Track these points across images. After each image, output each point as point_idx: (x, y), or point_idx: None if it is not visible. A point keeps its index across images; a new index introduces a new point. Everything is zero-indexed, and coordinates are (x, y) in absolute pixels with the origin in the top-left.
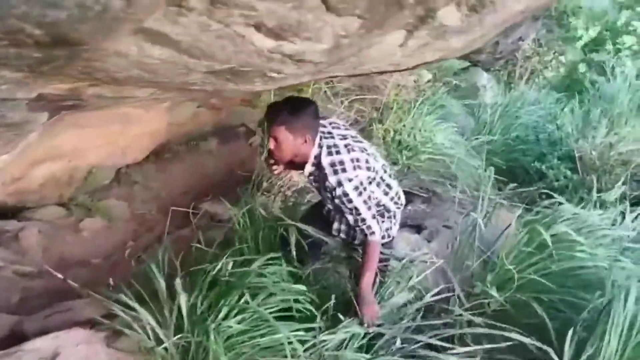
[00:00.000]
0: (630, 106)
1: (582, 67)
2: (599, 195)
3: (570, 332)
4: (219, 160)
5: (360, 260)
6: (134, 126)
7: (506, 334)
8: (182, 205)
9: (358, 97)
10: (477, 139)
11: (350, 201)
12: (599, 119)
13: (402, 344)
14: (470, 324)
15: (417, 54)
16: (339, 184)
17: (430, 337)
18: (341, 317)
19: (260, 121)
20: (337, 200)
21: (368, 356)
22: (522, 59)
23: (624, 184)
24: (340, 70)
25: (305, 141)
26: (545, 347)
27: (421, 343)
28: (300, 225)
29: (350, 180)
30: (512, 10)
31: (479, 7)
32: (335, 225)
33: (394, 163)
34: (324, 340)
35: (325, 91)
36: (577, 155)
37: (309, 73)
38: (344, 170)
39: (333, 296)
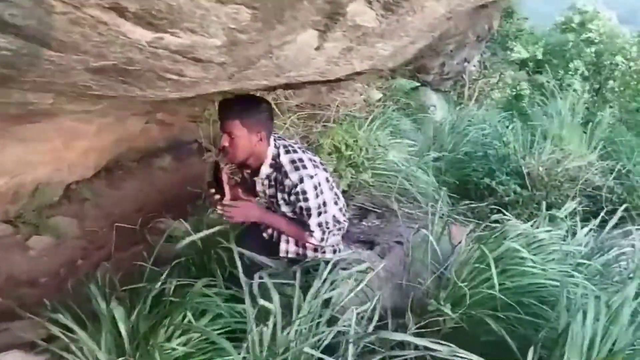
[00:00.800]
0: (573, 125)
1: (524, 85)
2: (549, 210)
3: (531, 352)
4: (172, 177)
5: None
6: (78, 141)
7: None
8: (134, 222)
9: (307, 113)
10: (428, 155)
11: (306, 200)
12: (544, 136)
13: None
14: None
15: (343, 62)
16: (301, 180)
17: None
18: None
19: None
20: (292, 197)
21: None
22: (469, 81)
23: (573, 199)
24: (262, 77)
25: (261, 139)
26: None
27: None
28: (236, 248)
29: (311, 177)
30: (433, 13)
31: (394, 6)
32: (283, 246)
33: (340, 177)
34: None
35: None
36: (525, 171)
37: (222, 79)
38: (304, 167)
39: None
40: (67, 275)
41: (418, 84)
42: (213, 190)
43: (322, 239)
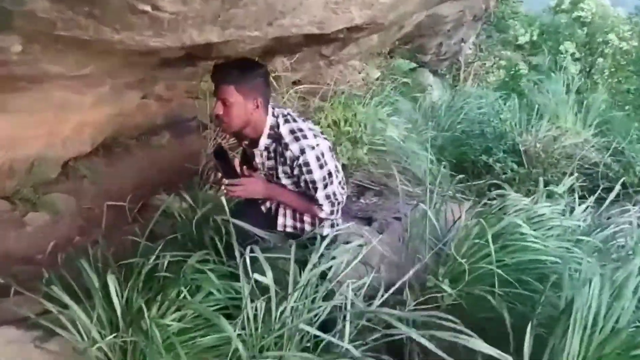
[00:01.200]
0: (568, 104)
1: (522, 65)
2: (546, 187)
3: (528, 329)
4: (171, 154)
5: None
6: (71, 114)
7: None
8: (133, 200)
9: (306, 88)
10: (425, 132)
11: (310, 172)
12: (540, 114)
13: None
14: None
15: (341, 9)
16: (302, 151)
17: (382, 337)
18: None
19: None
20: (296, 170)
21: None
22: (465, 64)
23: (570, 176)
24: (252, 22)
25: (257, 107)
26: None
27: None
28: (233, 221)
29: (312, 147)
30: None
31: None
32: (280, 220)
33: (336, 152)
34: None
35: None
36: (522, 148)
37: (207, 19)
38: (305, 137)
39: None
40: (63, 253)
41: (416, 65)
42: (220, 175)
43: (332, 212)
